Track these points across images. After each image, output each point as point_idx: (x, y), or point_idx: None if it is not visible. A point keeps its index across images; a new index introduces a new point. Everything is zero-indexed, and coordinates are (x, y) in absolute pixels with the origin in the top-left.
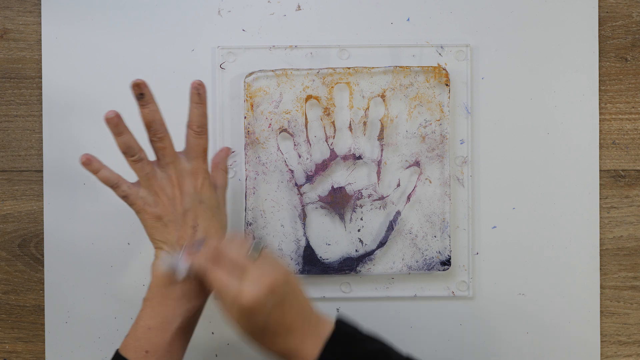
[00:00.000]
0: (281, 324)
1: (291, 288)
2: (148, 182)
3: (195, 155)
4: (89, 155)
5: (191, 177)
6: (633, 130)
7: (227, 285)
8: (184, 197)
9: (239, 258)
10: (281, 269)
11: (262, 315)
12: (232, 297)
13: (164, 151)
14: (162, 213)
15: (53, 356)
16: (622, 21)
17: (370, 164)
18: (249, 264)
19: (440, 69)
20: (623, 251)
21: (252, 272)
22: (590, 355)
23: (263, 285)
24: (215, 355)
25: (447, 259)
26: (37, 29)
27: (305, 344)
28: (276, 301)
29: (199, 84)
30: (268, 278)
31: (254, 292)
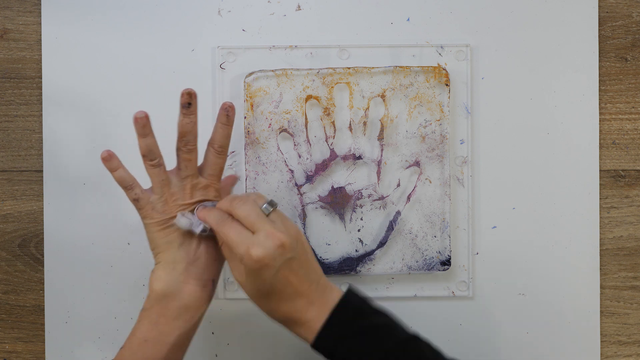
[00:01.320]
0: (288, 285)
1: (300, 249)
2: (161, 190)
3: (212, 172)
4: (110, 151)
5: (203, 190)
6: (633, 130)
7: (238, 239)
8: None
9: (251, 213)
10: (291, 229)
11: (270, 272)
12: (242, 250)
13: (189, 163)
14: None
15: (53, 356)
16: (622, 21)
17: (370, 164)
18: (261, 220)
19: (440, 69)
20: (623, 251)
21: (263, 227)
22: (590, 355)
23: (273, 242)
24: (215, 355)
25: (447, 259)
26: (37, 29)
27: (311, 310)
28: (285, 259)
29: (229, 106)
30: (278, 235)
31: (263, 248)
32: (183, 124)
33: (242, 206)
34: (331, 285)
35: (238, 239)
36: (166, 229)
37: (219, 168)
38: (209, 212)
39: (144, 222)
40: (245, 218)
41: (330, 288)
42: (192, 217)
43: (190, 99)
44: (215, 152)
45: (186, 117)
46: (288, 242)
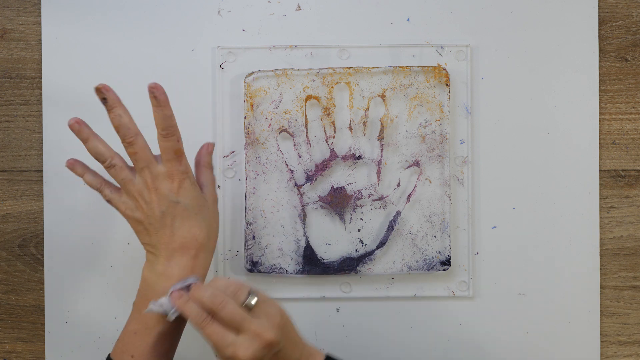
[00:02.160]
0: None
1: (286, 337)
2: (126, 188)
3: (167, 157)
4: (73, 159)
5: (167, 180)
6: (633, 130)
7: (224, 342)
8: (160, 200)
9: (234, 313)
10: (275, 319)
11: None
12: (229, 354)
13: (136, 156)
14: (141, 217)
15: (53, 356)
16: (622, 21)
17: (370, 164)
18: (245, 321)
19: (440, 69)
20: (623, 251)
21: (248, 328)
22: (590, 355)
23: (260, 342)
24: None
25: (447, 259)
26: (37, 29)
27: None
28: (272, 354)
29: (153, 87)
30: (264, 335)
31: (251, 351)
32: (110, 119)
33: (225, 307)
34: (311, 352)
35: (223, 342)
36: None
37: (171, 151)
38: (186, 305)
39: (127, 220)
40: (230, 322)
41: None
42: (166, 304)
43: (102, 93)
44: (161, 135)
45: (110, 112)
46: (275, 338)
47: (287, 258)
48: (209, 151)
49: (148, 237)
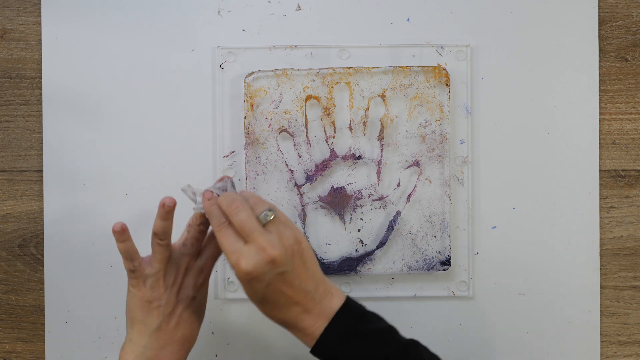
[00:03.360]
0: (282, 296)
1: (296, 261)
2: (158, 265)
3: (212, 255)
4: (124, 225)
5: (196, 274)
6: (633, 130)
7: (231, 248)
8: (181, 291)
9: (245, 222)
10: (287, 240)
11: (260, 284)
12: (233, 261)
13: (196, 243)
14: (154, 298)
15: (53, 356)
16: (622, 21)
17: (370, 164)
18: (255, 230)
19: (440, 69)
20: (623, 251)
21: (256, 239)
22: (590, 355)
23: (263, 256)
24: (215, 355)
25: (447, 259)
26: (37, 29)
27: (308, 319)
28: (275, 274)
29: None
30: (269, 250)
31: (252, 262)
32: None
33: (238, 213)
34: (332, 290)
35: (230, 248)
36: (148, 308)
37: (219, 253)
38: (211, 207)
39: (130, 290)
40: (241, 227)
41: (331, 293)
42: (197, 198)
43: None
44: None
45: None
46: (279, 257)
47: None
48: None
49: (149, 317)
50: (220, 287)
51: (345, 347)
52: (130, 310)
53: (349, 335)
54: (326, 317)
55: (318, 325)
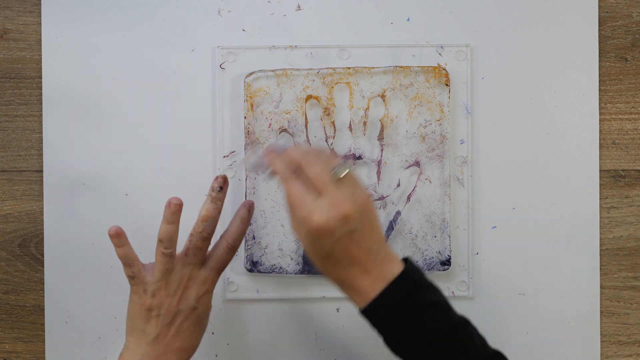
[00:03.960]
0: (346, 255)
1: (365, 221)
2: (160, 274)
3: (217, 266)
4: (119, 229)
5: (199, 285)
6: (633, 130)
7: (302, 200)
8: (182, 301)
9: (321, 174)
10: (359, 198)
11: (328, 241)
12: (303, 214)
13: (199, 253)
14: (153, 307)
15: (53, 356)
16: (622, 21)
17: (370, 164)
18: (329, 184)
19: (440, 69)
20: (623, 251)
21: (330, 194)
22: (590, 355)
23: (336, 212)
24: (215, 355)
25: (447, 259)
26: (37, 29)
27: (366, 280)
28: (346, 231)
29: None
30: (343, 206)
31: (325, 217)
32: (208, 209)
33: (313, 165)
34: (392, 256)
35: (302, 200)
36: (147, 316)
37: (225, 264)
38: (277, 159)
39: (131, 296)
40: (315, 180)
41: (390, 259)
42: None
43: (222, 184)
44: (229, 248)
45: (214, 203)
46: (352, 213)
47: (287, 258)
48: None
49: (148, 325)
50: (220, 287)
51: (397, 314)
52: (130, 317)
53: (402, 303)
54: (384, 280)
55: (375, 288)
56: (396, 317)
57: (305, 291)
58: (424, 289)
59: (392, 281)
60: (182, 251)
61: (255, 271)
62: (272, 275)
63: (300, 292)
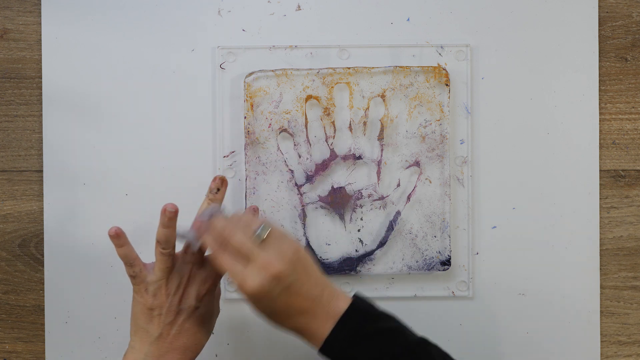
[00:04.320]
0: (290, 307)
1: (299, 271)
2: (161, 273)
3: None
4: (119, 229)
5: (200, 283)
6: (633, 130)
7: (233, 271)
8: (183, 299)
9: (243, 243)
10: (287, 253)
11: (267, 301)
12: (238, 282)
13: (197, 252)
14: (155, 306)
15: (53, 356)
16: (622, 21)
17: (370, 164)
18: (253, 250)
19: (440, 69)
20: (623, 251)
21: (256, 259)
22: (590, 355)
23: (267, 273)
24: (215, 355)
25: (447, 259)
26: (37, 29)
27: (315, 323)
28: (281, 288)
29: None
30: (272, 266)
31: (257, 282)
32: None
33: (235, 234)
34: (337, 293)
35: (233, 270)
36: (150, 316)
37: None
38: (205, 234)
39: (134, 296)
40: (239, 249)
41: (337, 296)
42: (189, 233)
43: (219, 185)
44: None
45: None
46: (283, 270)
47: None
48: None
49: (150, 325)
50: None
51: (353, 347)
52: (133, 317)
53: (355, 335)
54: (333, 319)
55: (326, 327)
56: (353, 350)
57: None
58: (375, 319)
59: (341, 317)
60: (182, 250)
61: None
62: None
63: None
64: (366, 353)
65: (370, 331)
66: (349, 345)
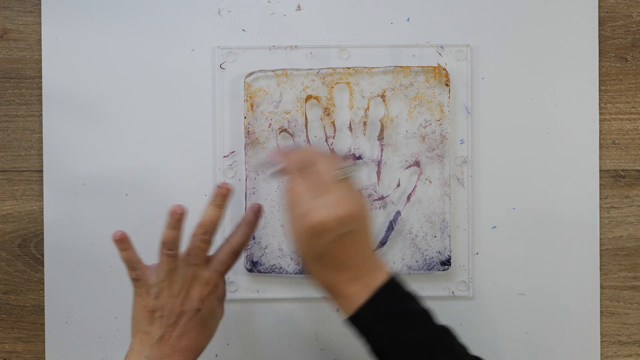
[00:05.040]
0: (338, 256)
1: (361, 226)
2: (164, 275)
3: (219, 269)
4: (123, 234)
5: (202, 285)
6: (633, 130)
7: (302, 197)
8: (186, 301)
9: (323, 174)
10: (359, 203)
11: (322, 241)
12: (301, 211)
13: (200, 254)
14: (157, 308)
15: (53, 356)
16: (622, 21)
17: (370, 164)
18: (330, 185)
19: (440, 69)
20: (623, 251)
21: (330, 194)
22: (590, 355)
23: (335, 212)
24: (215, 355)
25: (447, 259)
26: (37, 29)
27: (354, 285)
28: (341, 232)
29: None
30: (342, 207)
31: (324, 215)
32: (210, 212)
33: (319, 162)
34: (379, 264)
35: (302, 197)
36: (151, 318)
37: (227, 267)
38: (285, 156)
39: (135, 298)
40: (318, 177)
41: (378, 267)
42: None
43: (224, 192)
44: (233, 252)
45: (216, 208)
46: (350, 215)
47: (287, 258)
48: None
49: (151, 327)
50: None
51: (379, 323)
52: (134, 319)
53: (386, 312)
54: (370, 289)
55: (361, 296)
56: (379, 326)
57: (305, 291)
58: (408, 298)
59: (377, 290)
60: (185, 251)
61: (255, 271)
62: (272, 275)
63: (300, 292)
64: (391, 331)
65: (400, 311)
66: (377, 320)
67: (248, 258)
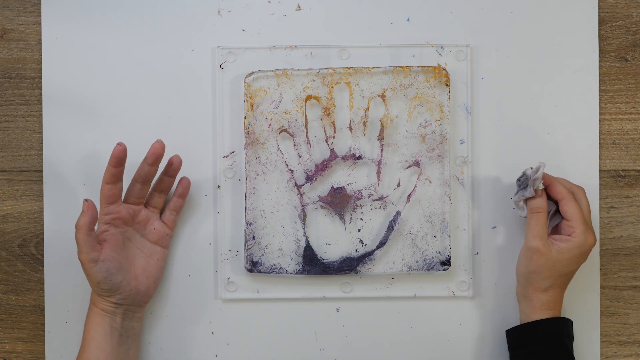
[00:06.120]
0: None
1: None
2: None
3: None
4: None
5: None
6: (633, 130)
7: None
8: None
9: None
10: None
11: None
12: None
13: None
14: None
15: (53, 356)
16: (622, 21)
17: (370, 164)
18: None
19: (440, 69)
20: (623, 251)
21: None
22: (590, 355)
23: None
24: (215, 355)
25: (447, 259)
26: (37, 29)
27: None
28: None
29: None
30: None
31: (594, 239)
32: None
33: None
34: None
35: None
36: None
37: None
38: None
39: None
40: (587, 210)
41: None
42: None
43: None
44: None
45: None
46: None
47: (287, 258)
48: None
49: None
50: (220, 287)
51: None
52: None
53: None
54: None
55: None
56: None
57: (305, 291)
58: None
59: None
60: None
61: (255, 271)
62: (272, 275)
63: (300, 292)
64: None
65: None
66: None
67: (248, 258)
